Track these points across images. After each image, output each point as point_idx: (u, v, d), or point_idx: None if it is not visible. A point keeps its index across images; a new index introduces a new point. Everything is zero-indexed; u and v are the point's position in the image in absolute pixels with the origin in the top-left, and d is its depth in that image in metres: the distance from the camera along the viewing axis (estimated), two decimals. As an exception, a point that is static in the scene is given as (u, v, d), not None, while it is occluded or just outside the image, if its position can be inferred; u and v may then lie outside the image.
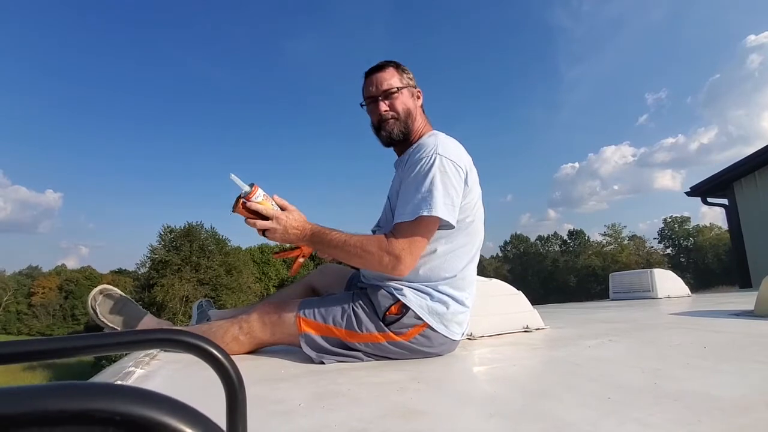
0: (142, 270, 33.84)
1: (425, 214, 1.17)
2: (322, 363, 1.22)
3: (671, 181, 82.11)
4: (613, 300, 4.08)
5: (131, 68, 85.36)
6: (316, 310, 1.29)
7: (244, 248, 39.21)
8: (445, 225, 1.24)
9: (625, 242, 53.68)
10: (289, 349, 1.37)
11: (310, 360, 1.25)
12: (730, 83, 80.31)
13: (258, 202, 1.18)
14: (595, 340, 1.49)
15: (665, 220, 54.99)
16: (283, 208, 1.23)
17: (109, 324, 1.52)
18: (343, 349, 1.25)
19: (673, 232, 53.72)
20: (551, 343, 1.49)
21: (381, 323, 1.24)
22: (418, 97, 1.45)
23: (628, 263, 47.49)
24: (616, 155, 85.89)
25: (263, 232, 1.20)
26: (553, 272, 52.05)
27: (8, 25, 77.46)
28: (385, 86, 1.38)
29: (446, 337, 1.26)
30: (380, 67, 1.41)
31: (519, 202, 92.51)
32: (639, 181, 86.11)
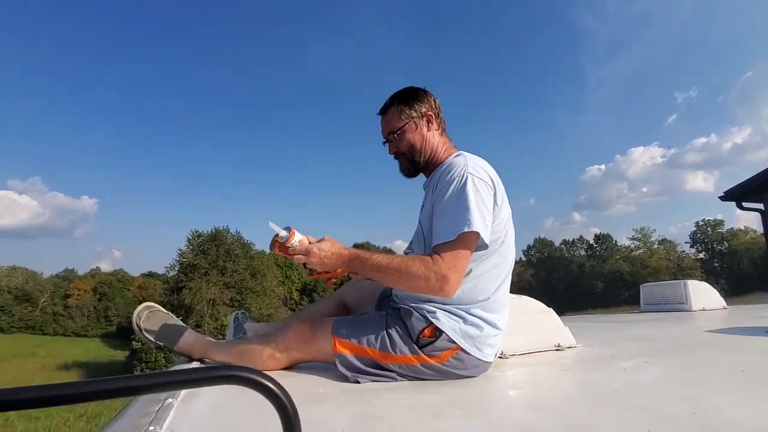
0: (172, 273, 34.86)
1: (465, 230, 1.19)
2: (357, 382, 1.26)
3: (703, 183, 79.05)
4: (644, 312, 3.97)
5: (159, 73, 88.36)
6: (350, 331, 1.32)
7: (268, 252, 39.86)
8: (480, 246, 1.25)
9: (655, 246, 51.81)
10: (323, 366, 1.41)
11: (344, 378, 1.28)
12: (764, 80, 77.00)
13: (295, 247, 1.26)
14: (630, 361, 1.47)
15: (697, 223, 52.87)
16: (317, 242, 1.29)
17: (152, 339, 1.60)
18: (377, 369, 1.28)
19: (706, 235, 51.54)
20: (585, 364, 1.47)
21: (415, 346, 1.26)
22: (430, 122, 1.45)
23: (658, 268, 45.84)
24: (645, 156, 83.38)
25: (304, 264, 1.27)
26: (579, 277, 50.72)
27: (41, 35, 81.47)
28: (387, 130, 1.46)
29: (479, 359, 1.27)
30: (383, 110, 1.49)
31: (542, 206, 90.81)
32: (669, 183, 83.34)
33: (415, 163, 1.46)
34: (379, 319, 1.36)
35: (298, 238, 1.27)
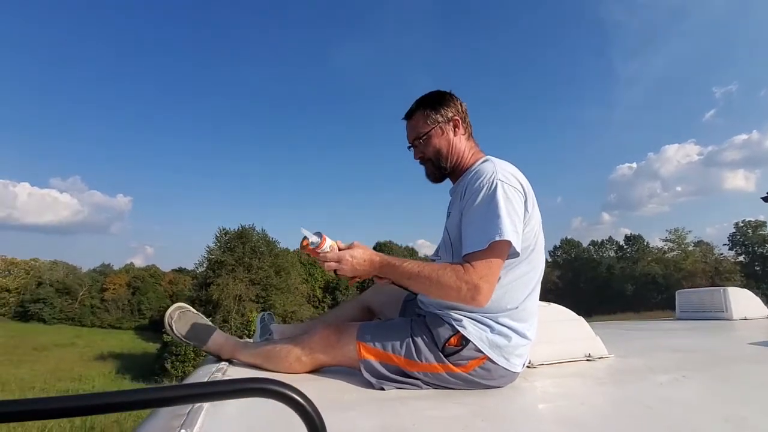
0: (200, 269, 35.86)
1: (497, 238, 1.17)
2: (382, 389, 1.25)
3: (744, 182, 75.23)
4: (680, 320, 3.80)
5: (190, 73, 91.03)
6: (375, 337, 1.32)
7: (291, 250, 40.47)
8: (511, 254, 1.23)
9: (690, 248, 49.60)
10: (347, 370, 1.41)
11: (369, 384, 1.28)
12: (814, 73, 72.17)
13: (326, 253, 1.26)
14: (667, 375, 1.40)
15: (737, 224, 50.26)
16: (347, 248, 1.28)
17: (182, 338, 1.64)
18: (402, 376, 1.27)
19: (746, 237, 48.94)
20: (618, 377, 1.42)
21: (440, 354, 1.25)
22: (456, 126, 1.43)
23: (693, 271, 43.93)
24: (680, 154, 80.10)
25: (335, 271, 1.27)
26: (608, 279, 49.19)
27: (79, 37, 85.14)
28: (413, 135, 1.44)
29: (507, 369, 1.24)
30: (408, 115, 1.47)
31: (569, 205, 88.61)
32: (706, 181, 79.79)
33: (442, 169, 1.44)
34: (404, 325, 1.35)
35: (328, 244, 1.27)
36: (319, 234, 1.26)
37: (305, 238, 1.26)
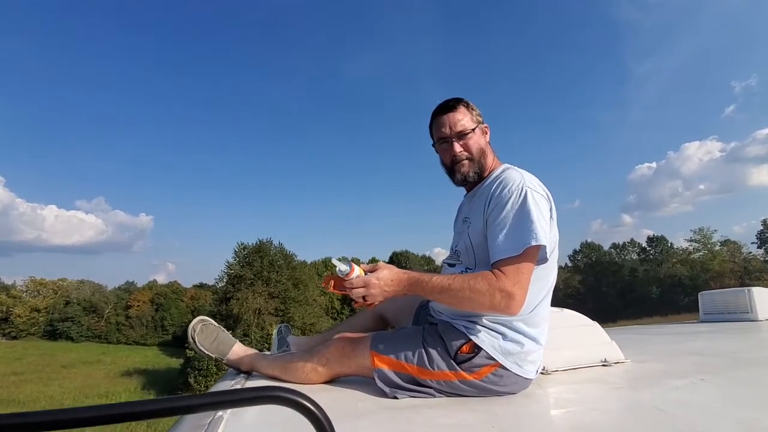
0: (220, 284, 36.34)
1: (533, 243, 1.17)
2: (396, 398, 1.28)
3: (770, 177, 72.36)
4: (703, 322, 3.71)
5: (202, 90, 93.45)
6: (388, 346, 1.35)
7: (309, 262, 40.73)
8: (541, 259, 1.24)
9: (717, 248, 47.89)
10: (362, 380, 1.44)
11: (383, 393, 1.30)
12: (838, 61, 69.70)
13: (353, 281, 1.23)
14: (684, 379, 1.39)
15: (764, 221, 48.31)
16: (371, 271, 1.26)
17: (204, 351, 1.70)
18: (415, 384, 1.30)
19: (776, 235, 47.08)
20: (633, 382, 1.41)
21: (452, 362, 1.27)
22: (486, 132, 1.46)
23: (721, 272, 42.38)
24: (701, 151, 77.91)
25: (363, 298, 1.25)
26: (631, 283, 47.81)
27: (94, 60, 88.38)
28: (459, 127, 1.38)
29: (519, 376, 1.26)
30: (451, 107, 1.41)
31: (588, 208, 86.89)
32: (730, 178, 77.09)
33: (481, 168, 1.40)
34: (416, 333, 1.37)
35: (357, 273, 1.24)
36: (348, 263, 1.24)
37: (328, 274, 1.26)
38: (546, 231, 1.21)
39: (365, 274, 1.26)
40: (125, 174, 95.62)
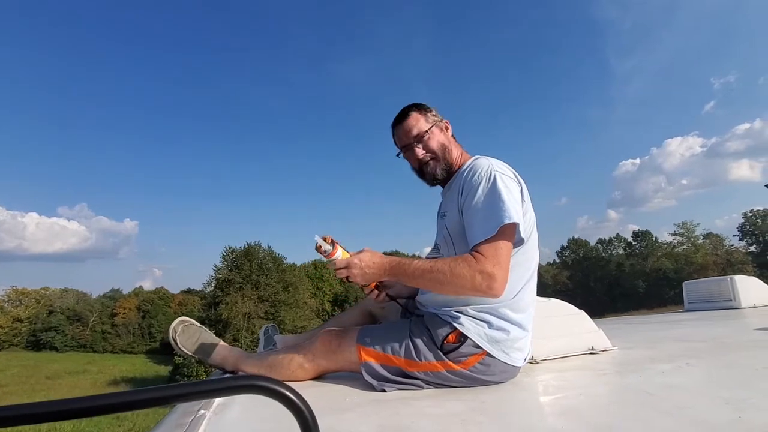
0: (208, 289, 35.89)
1: (506, 221, 1.17)
2: (384, 391, 1.26)
3: (749, 171, 74.22)
4: (688, 311, 3.77)
5: (188, 94, 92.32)
6: (375, 340, 1.33)
7: (299, 265, 40.50)
8: (517, 240, 1.24)
9: (700, 241, 49.01)
10: (350, 375, 1.42)
11: (371, 387, 1.28)
12: (812, 58, 71.90)
13: (336, 261, 1.27)
14: (670, 363, 1.40)
15: (745, 214, 49.47)
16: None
17: (187, 352, 1.65)
18: (402, 377, 1.28)
19: (756, 227, 48.19)
20: (620, 368, 1.42)
21: (439, 352, 1.25)
22: (447, 128, 1.48)
23: (705, 264, 43.37)
24: (682, 147, 79.68)
25: (347, 278, 1.28)
26: (618, 277, 48.60)
27: (80, 65, 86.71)
28: (414, 132, 1.42)
29: (507, 364, 1.25)
30: (404, 116, 1.45)
31: (575, 205, 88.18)
32: (711, 173, 79.09)
33: (448, 164, 1.42)
34: (403, 326, 1.36)
35: (338, 255, 1.28)
36: (332, 243, 1.28)
37: (319, 246, 1.28)
38: (518, 210, 1.22)
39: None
40: (108, 179, 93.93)
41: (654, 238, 51.71)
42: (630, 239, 53.09)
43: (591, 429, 0.85)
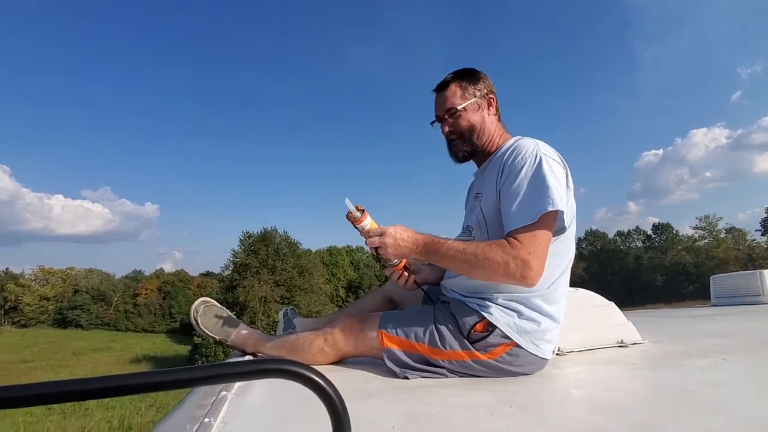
0: (226, 273, 36.62)
1: (549, 209, 1.11)
2: (406, 378, 1.23)
3: (775, 165, 71.28)
4: (716, 306, 3.64)
5: (207, 80, 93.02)
6: (397, 326, 1.30)
7: (314, 251, 40.91)
8: (559, 228, 1.18)
9: (722, 235, 47.53)
10: (371, 361, 1.40)
11: (393, 374, 1.26)
12: None
13: (369, 228, 1.26)
14: (706, 359, 1.33)
15: None
16: None
17: (208, 332, 1.65)
18: (426, 365, 1.25)
19: (779, 222, 46.53)
20: (653, 363, 1.36)
21: (465, 341, 1.21)
22: (490, 104, 1.39)
23: (726, 259, 42.15)
24: (707, 138, 76.91)
25: (376, 249, 1.25)
26: (636, 270, 47.67)
27: (98, 50, 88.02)
28: (447, 106, 1.36)
29: (535, 355, 1.20)
30: (443, 85, 1.39)
31: (593, 196, 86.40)
32: (735, 166, 76.29)
33: (473, 146, 1.37)
34: (427, 312, 1.32)
35: (369, 221, 1.26)
36: (362, 211, 1.26)
37: (350, 212, 1.26)
38: (563, 197, 1.15)
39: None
40: (130, 163, 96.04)
41: (675, 232, 50.43)
42: (650, 232, 51.91)
43: (630, 425, 0.80)
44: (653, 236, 51.31)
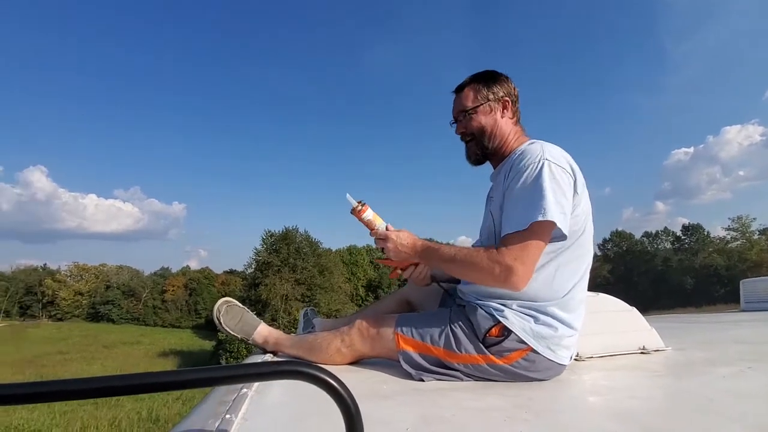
0: (249, 270, 37.38)
1: (539, 218, 1.12)
2: (422, 380, 1.24)
3: (819, 162, 67.51)
4: (746, 311, 3.50)
5: (229, 80, 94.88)
6: (413, 328, 1.31)
7: (334, 250, 41.26)
8: (557, 237, 1.18)
9: (756, 237, 45.40)
10: (387, 362, 1.41)
11: (408, 375, 1.27)
12: None
13: (368, 219, 1.36)
14: (731, 367, 1.30)
15: (811, 209, 45.35)
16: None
17: (230, 331, 1.71)
18: (441, 367, 1.26)
19: (820, 223, 44.06)
20: (675, 370, 1.33)
21: (480, 345, 1.22)
22: (505, 107, 1.39)
23: (759, 261, 40.30)
24: (741, 136, 73.65)
25: (382, 249, 1.35)
26: (664, 273, 46.06)
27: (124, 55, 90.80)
28: (458, 109, 1.41)
29: (552, 361, 1.19)
30: (460, 87, 1.43)
31: (619, 195, 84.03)
32: (774, 164, 72.51)
33: (484, 148, 1.39)
34: (443, 315, 1.33)
35: (370, 213, 1.36)
36: (362, 204, 1.36)
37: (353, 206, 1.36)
38: (563, 206, 1.15)
39: (383, 224, 1.36)
40: (159, 163, 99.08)
41: (706, 233, 48.54)
42: (679, 233, 50.13)
43: (647, 434, 0.79)
44: (683, 237, 49.53)
